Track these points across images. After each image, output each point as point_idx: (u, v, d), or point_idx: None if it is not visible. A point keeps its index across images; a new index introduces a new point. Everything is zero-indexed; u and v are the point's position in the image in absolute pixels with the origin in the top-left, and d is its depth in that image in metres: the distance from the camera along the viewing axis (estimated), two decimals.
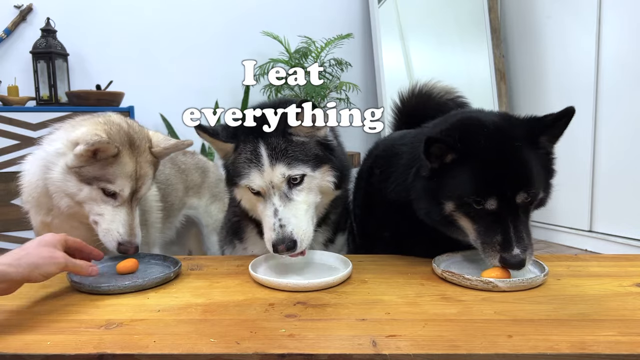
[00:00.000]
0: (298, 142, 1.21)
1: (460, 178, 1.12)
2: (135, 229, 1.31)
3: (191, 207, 2.04)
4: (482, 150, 1.11)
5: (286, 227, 1.14)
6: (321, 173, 1.23)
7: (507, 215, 1.08)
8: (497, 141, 1.12)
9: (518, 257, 1.05)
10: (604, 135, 3.35)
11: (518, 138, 1.12)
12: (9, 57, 3.08)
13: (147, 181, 1.36)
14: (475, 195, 1.09)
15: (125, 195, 1.30)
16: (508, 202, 1.08)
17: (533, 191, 1.09)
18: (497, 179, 1.09)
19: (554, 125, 1.15)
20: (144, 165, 1.34)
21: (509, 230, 1.07)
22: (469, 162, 1.11)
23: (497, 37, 4.01)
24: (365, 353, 0.79)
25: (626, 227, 3.25)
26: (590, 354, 0.78)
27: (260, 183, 1.18)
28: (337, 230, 1.47)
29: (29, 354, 0.80)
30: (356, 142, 3.91)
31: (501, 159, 1.10)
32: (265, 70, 3.39)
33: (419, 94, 1.77)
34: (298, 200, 1.18)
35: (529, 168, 1.10)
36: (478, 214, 1.11)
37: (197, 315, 0.96)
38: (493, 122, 1.16)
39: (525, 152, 1.11)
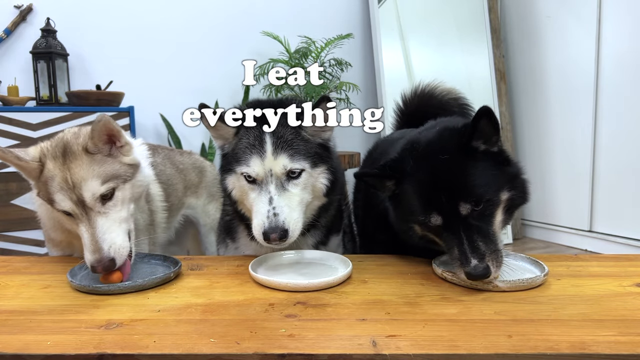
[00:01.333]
0: (304, 137, 1.24)
1: (408, 202, 1.15)
2: (100, 242, 1.16)
3: (189, 207, 2.04)
4: (415, 173, 1.13)
5: (279, 215, 1.15)
6: (317, 173, 1.25)
7: (459, 228, 1.08)
8: (427, 159, 1.13)
9: (478, 267, 1.02)
10: (604, 135, 3.35)
11: (447, 151, 1.11)
12: (9, 57, 3.08)
13: (87, 186, 1.19)
14: (421, 215, 1.11)
15: (70, 208, 1.19)
16: (453, 215, 1.08)
17: (473, 199, 1.07)
18: (432, 194, 1.09)
19: (475, 129, 1.09)
20: (76, 170, 1.20)
21: (463, 243, 1.06)
22: (408, 185, 1.15)
23: (497, 37, 4.01)
24: (365, 353, 0.79)
25: (626, 227, 3.25)
26: (590, 354, 0.78)
27: (259, 169, 1.19)
28: (329, 232, 1.47)
29: (29, 354, 0.80)
30: (356, 142, 3.91)
31: (432, 176, 1.11)
32: (265, 70, 3.39)
33: (422, 94, 1.78)
34: (294, 192, 1.20)
35: (465, 178, 1.09)
36: (437, 231, 1.12)
37: (197, 315, 0.95)
38: (427, 140, 1.18)
39: (458, 164, 1.10)
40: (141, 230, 1.49)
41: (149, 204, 1.58)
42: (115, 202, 1.24)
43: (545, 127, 3.79)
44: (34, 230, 2.66)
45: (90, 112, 2.81)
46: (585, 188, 3.47)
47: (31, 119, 2.69)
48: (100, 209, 1.20)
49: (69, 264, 1.28)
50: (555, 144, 3.70)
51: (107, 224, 1.20)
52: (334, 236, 1.49)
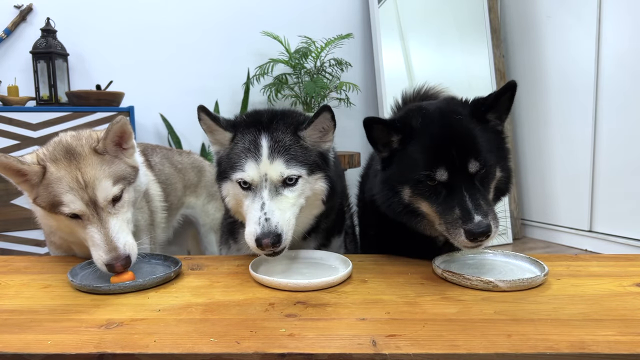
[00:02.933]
0: (303, 145, 1.22)
1: (410, 157, 1.14)
2: (116, 241, 1.17)
3: (188, 207, 2.04)
4: (424, 127, 1.13)
5: (271, 219, 1.12)
6: (314, 180, 1.23)
7: (462, 186, 1.07)
8: (438, 117, 1.14)
9: (482, 223, 1.02)
10: (604, 135, 3.35)
11: (461, 113, 1.14)
12: (9, 57, 3.08)
13: (101, 185, 1.20)
14: (425, 169, 1.09)
15: (82, 210, 1.17)
16: (460, 172, 1.08)
17: (482, 159, 1.09)
18: (443, 149, 1.09)
19: (497, 101, 1.14)
20: (87, 170, 1.20)
21: (465, 200, 1.05)
22: (414, 141, 1.14)
23: (497, 37, 4.01)
24: (365, 353, 0.79)
25: (626, 227, 3.25)
26: (590, 354, 0.78)
27: (253, 174, 1.17)
28: (330, 235, 1.47)
29: (29, 353, 0.81)
30: (356, 142, 3.92)
31: (444, 130, 1.12)
32: (265, 70, 3.39)
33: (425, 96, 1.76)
34: (288, 197, 1.18)
35: (475, 138, 1.12)
36: (434, 192, 1.10)
37: (198, 314, 0.96)
38: (435, 105, 1.20)
39: (470, 125, 1.13)
40: (142, 230, 1.49)
41: (148, 204, 1.59)
42: (122, 203, 1.25)
43: (545, 127, 3.79)
44: (34, 230, 2.66)
45: (90, 112, 2.81)
46: (585, 188, 3.47)
47: (31, 119, 2.69)
48: (110, 209, 1.21)
49: (69, 264, 1.29)
50: (555, 144, 3.70)
51: (118, 224, 1.20)
52: (335, 238, 1.49)
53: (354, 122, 3.92)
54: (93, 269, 1.25)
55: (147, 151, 1.84)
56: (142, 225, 1.50)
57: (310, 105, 3.36)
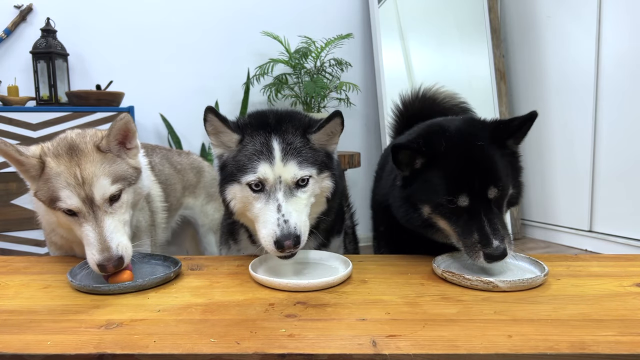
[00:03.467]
0: (312, 147, 1.24)
1: (432, 181, 1.17)
2: (109, 241, 1.15)
3: (187, 207, 2.04)
4: (448, 152, 1.16)
5: (290, 221, 1.12)
6: (322, 178, 1.25)
7: (480, 211, 1.12)
8: (461, 142, 1.18)
9: (499, 248, 1.08)
10: (604, 135, 3.35)
11: (482, 138, 1.18)
12: (9, 57, 3.08)
13: (98, 183, 1.19)
14: (447, 195, 1.14)
15: (78, 206, 1.17)
16: (479, 198, 1.13)
17: (502, 185, 1.14)
18: (466, 176, 1.13)
19: (520, 129, 1.20)
20: (87, 167, 1.20)
21: (484, 226, 1.11)
22: (437, 165, 1.17)
23: (497, 37, 4.01)
24: (365, 353, 0.79)
25: (626, 227, 3.25)
26: (590, 354, 0.78)
27: (268, 176, 1.16)
28: (329, 235, 1.47)
29: (29, 354, 0.80)
30: (356, 142, 3.92)
31: (467, 157, 1.16)
32: (265, 70, 3.39)
33: (423, 98, 1.78)
34: (301, 197, 1.18)
35: (496, 164, 1.16)
36: (454, 213, 1.15)
37: (197, 315, 0.96)
38: (456, 126, 1.23)
39: (491, 151, 1.17)
40: (143, 230, 1.49)
41: (149, 204, 1.59)
42: (121, 203, 1.24)
43: (545, 127, 3.79)
44: (34, 230, 2.66)
45: (90, 112, 2.81)
46: (585, 188, 3.47)
47: (31, 119, 2.69)
48: (107, 208, 1.20)
49: (69, 264, 1.29)
50: (555, 144, 3.70)
51: (113, 224, 1.19)
52: (334, 238, 1.49)
53: (354, 122, 3.92)
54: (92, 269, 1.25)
55: (147, 151, 1.84)
56: (143, 225, 1.50)
57: (310, 105, 3.36)
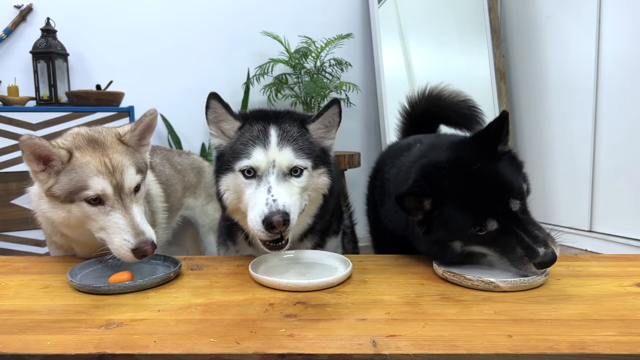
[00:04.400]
0: (309, 138, 1.25)
1: (452, 218, 1.13)
2: (141, 226, 1.19)
3: (188, 208, 2.04)
4: (454, 188, 1.13)
5: (278, 201, 1.10)
6: (318, 174, 1.25)
7: (513, 226, 1.09)
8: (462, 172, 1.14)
9: (548, 255, 1.06)
10: (604, 135, 3.35)
11: (476, 159, 1.15)
12: (9, 57, 3.08)
13: (128, 171, 1.23)
14: (474, 226, 1.10)
15: (109, 193, 1.18)
16: (506, 214, 1.10)
17: (519, 193, 1.12)
18: (484, 202, 1.10)
19: (500, 133, 1.17)
20: (114, 156, 1.23)
21: (524, 238, 1.08)
22: (449, 202, 1.13)
23: (497, 37, 4.01)
24: (365, 353, 0.79)
25: (626, 227, 3.25)
26: (590, 354, 0.78)
27: (261, 160, 1.16)
28: (325, 235, 1.46)
29: (29, 353, 0.80)
30: (356, 142, 3.92)
31: (475, 184, 1.12)
32: (265, 70, 3.39)
33: (430, 97, 1.80)
34: (294, 185, 1.18)
35: (503, 177, 1.14)
36: (488, 239, 1.12)
37: (197, 315, 0.96)
38: (448, 158, 1.19)
39: (491, 166, 1.14)
40: None
41: (149, 204, 1.58)
42: (140, 194, 1.28)
43: (545, 127, 3.79)
44: (34, 230, 2.66)
45: (90, 112, 2.81)
46: (585, 188, 3.47)
47: (31, 119, 2.69)
48: (132, 197, 1.23)
49: (69, 264, 1.29)
50: (555, 144, 3.70)
51: (140, 211, 1.23)
52: (331, 238, 1.49)
53: (354, 122, 3.92)
54: (93, 269, 1.25)
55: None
56: None
57: (310, 105, 3.36)
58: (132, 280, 1.12)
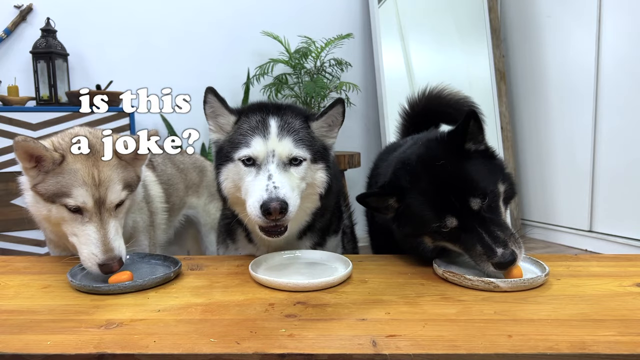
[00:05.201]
0: (311, 133, 1.26)
1: (415, 214, 1.17)
2: (112, 242, 1.18)
3: (190, 207, 2.04)
4: (415, 185, 1.16)
5: (279, 188, 1.10)
6: (317, 169, 1.25)
7: (474, 224, 1.10)
8: (423, 168, 1.17)
9: (506, 254, 1.06)
10: (604, 135, 3.35)
11: (442, 157, 1.16)
12: (9, 57, 3.08)
13: (113, 187, 1.22)
14: (434, 222, 1.12)
15: (89, 206, 1.18)
16: (466, 212, 1.11)
17: (480, 192, 1.11)
18: (442, 200, 1.12)
19: (466, 132, 1.16)
20: (104, 169, 1.22)
21: (483, 237, 1.09)
22: (411, 200, 1.17)
23: (497, 37, 4.01)
24: (365, 353, 0.79)
25: (626, 227, 3.25)
26: (590, 354, 0.78)
27: (260, 149, 1.17)
28: (325, 234, 1.46)
29: (29, 353, 0.80)
30: (356, 142, 3.92)
31: (434, 181, 1.14)
32: (265, 70, 3.39)
33: (429, 97, 1.82)
34: (294, 175, 1.19)
35: (465, 175, 1.14)
36: (452, 234, 1.14)
37: (197, 315, 0.95)
38: (417, 154, 1.21)
39: (455, 164, 1.15)
40: (141, 231, 1.49)
41: (148, 205, 1.58)
42: (123, 208, 1.27)
43: (545, 127, 3.79)
44: (34, 230, 2.66)
45: (91, 112, 2.80)
46: (585, 188, 3.47)
47: (31, 119, 2.69)
48: (112, 211, 1.23)
49: (69, 264, 1.28)
50: (555, 144, 3.70)
51: (116, 227, 1.22)
52: (331, 237, 1.49)
53: (354, 122, 3.92)
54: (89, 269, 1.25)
55: None
56: (141, 226, 1.49)
57: (310, 105, 3.36)
58: (132, 280, 1.12)
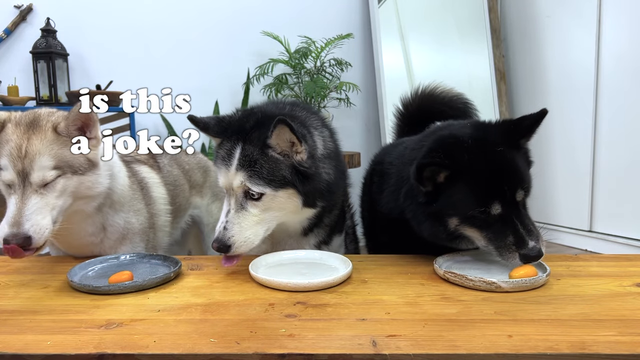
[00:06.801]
0: (272, 158, 1.18)
1: (460, 194, 1.16)
2: (24, 218, 1.12)
3: (195, 207, 2.04)
4: (472, 163, 1.15)
5: (228, 231, 1.18)
6: (286, 194, 1.20)
7: (512, 215, 1.13)
8: (482, 150, 1.16)
9: (535, 248, 1.10)
10: (604, 135, 3.35)
11: (499, 143, 1.18)
12: (9, 57, 3.08)
13: (39, 161, 1.16)
14: (479, 206, 1.13)
15: (10, 178, 1.15)
16: (509, 202, 1.13)
17: (527, 186, 1.17)
18: (495, 184, 1.13)
19: (531, 128, 1.21)
20: (35, 142, 1.18)
21: (519, 228, 1.12)
22: (462, 177, 1.15)
23: (497, 37, 4.01)
24: (365, 353, 0.79)
25: (626, 227, 3.25)
26: (590, 354, 0.78)
27: (224, 182, 1.22)
28: (333, 232, 1.46)
29: (29, 354, 0.80)
30: (356, 142, 3.91)
31: (492, 165, 1.15)
32: (265, 70, 3.39)
33: (423, 95, 1.81)
34: (251, 212, 1.19)
35: (518, 167, 1.18)
36: (485, 221, 1.14)
37: (197, 315, 0.95)
38: (470, 135, 1.20)
39: (511, 154, 1.18)
40: (136, 233, 1.48)
41: (148, 207, 1.57)
42: (55, 188, 1.20)
43: (545, 127, 3.75)
44: None
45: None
46: (585, 188, 3.47)
47: None
48: (39, 188, 1.18)
49: (69, 264, 1.29)
50: (555, 144, 3.69)
51: (39, 204, 1.16)
52: (336, 236, 1.49)
53: (354, 122, 3.92)
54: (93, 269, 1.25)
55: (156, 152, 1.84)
56: (136, 227, 1.48)
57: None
58: (132, 280, 1.12)
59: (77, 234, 1.36)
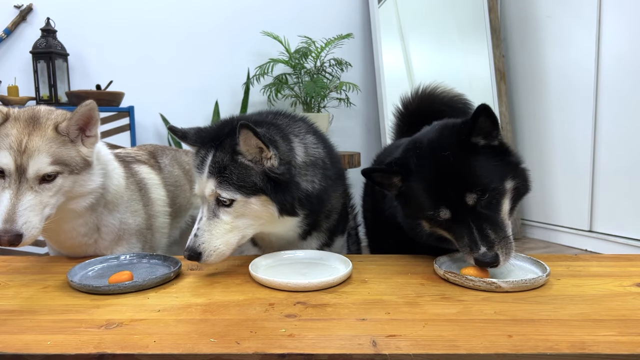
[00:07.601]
0: (242, 164, 1.16)
1: (415, 198, 1.18)
2: (18, 214, 1.13)
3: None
4: (420, 168, 1.16)
5: (198, 238, 1.17)
6: (259, 201, 1.17)
7: (467, 218, 1.11)
8: (429, 154, 1.17)
9: (487, 254, 1.07)
10: (604, 135, 3.35)
11: (448, 147, 1.15)
12: (9, 57, 3.08)
13: (38, 157, 1.18)
14: (428, 210, 1.14)
15: (9, 170, 1.16)
16: (461, 206, 1.11)
17: (479, 188, 1.10)
18: (439, 189, 1.13)
19: (474, 126, 1.13)
20: (34, 138, 1.20)
21: (472, 232, 1.10)
22: (414, 183, 1.18)
23: (497, 37, 4.01)
24: (365, 353, 0.79)
25: (626, 227, 3.25)
26: (590, 354, 0.78)
27: (198, 190, 1.22)
28: (333, 234, 1.46)
29: (29, 354, 0.80)
30: (356, 142, 3.92)
31: (436, 169, 1.15)
32: (265, 70, 3.39)
33: (423, 95, 1.81)
34: (223, 220, 1.18)
35: (467, 170, 1.13)
36: (445, 223, 1.15)
37: (197, 315, 0.96)
38: (429, 138, 1.21)
39: (459, 158, 1.14)
40: (132, 233, 1.48)
41: (146, 208, 1.57)
42: (51, 186, 1.21)
43: (545, 127, 3.79)
44: None
45: None
46: (585, 188, 3.47)
47: None
48: (34, 185, 1.19)
49: (69, 264, 1.29)
50: (555, 144, 3.70)
51: (33, 202, 1.17)
52: (338, 238, 1.49)
53: (354, 122, 3.92)
54: (93, 269, 1.25)
55: (157, 152, 1.84)
56: (132, 228, 1.48)
57: (310, 105, 3.36)
58: (132, 280, 1.12)
59: (69, 234, 1.35)
